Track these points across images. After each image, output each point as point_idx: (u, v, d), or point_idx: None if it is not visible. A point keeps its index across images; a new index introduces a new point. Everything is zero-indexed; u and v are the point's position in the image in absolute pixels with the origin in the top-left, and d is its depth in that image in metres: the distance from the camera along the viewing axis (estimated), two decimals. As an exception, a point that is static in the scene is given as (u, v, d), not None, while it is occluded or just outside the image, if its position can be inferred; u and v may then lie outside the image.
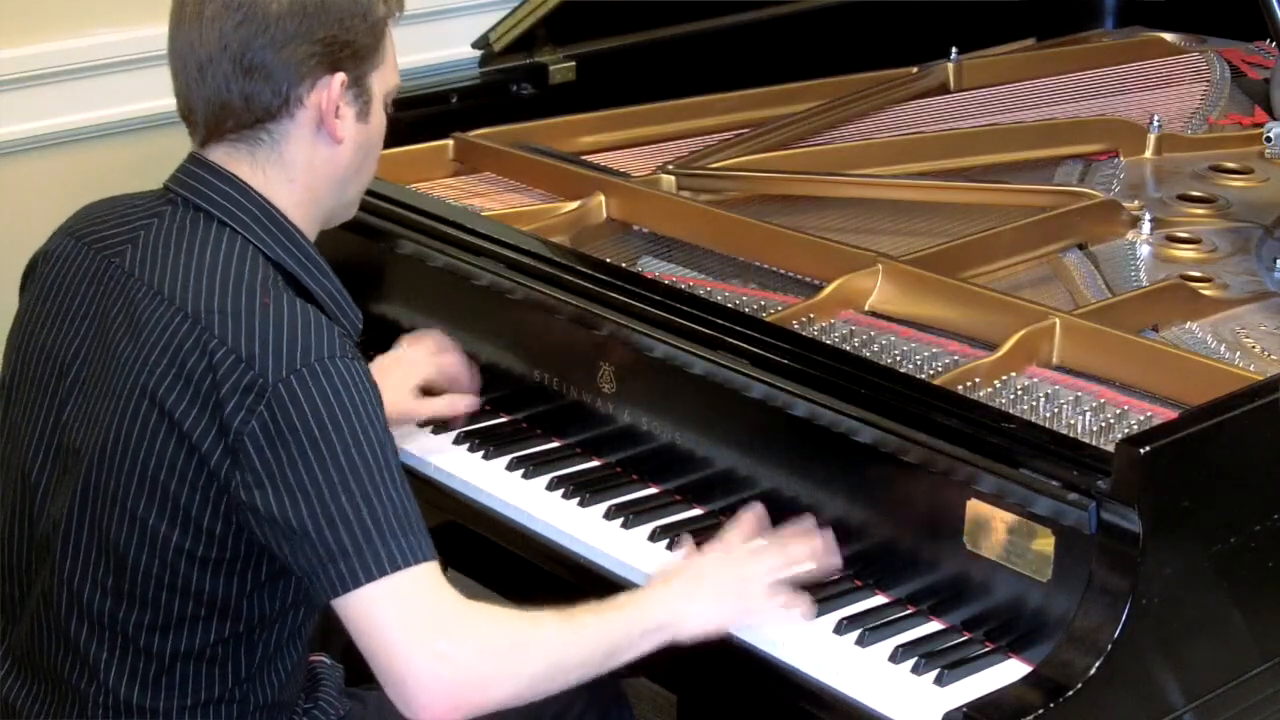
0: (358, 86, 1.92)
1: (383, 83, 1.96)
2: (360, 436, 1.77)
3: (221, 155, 1.91)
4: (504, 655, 1.81)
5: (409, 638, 1.77)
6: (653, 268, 2.54)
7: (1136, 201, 2.70)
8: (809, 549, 2.03)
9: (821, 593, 2.03)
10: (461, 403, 2.41)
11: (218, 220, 1.88)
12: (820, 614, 2.00)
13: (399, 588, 1.77)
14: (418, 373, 2.40)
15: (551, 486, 2.29)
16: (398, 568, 1.76)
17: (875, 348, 2.26)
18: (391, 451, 1.81)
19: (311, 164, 1.92)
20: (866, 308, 2.37)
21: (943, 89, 3.21)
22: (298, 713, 2.02)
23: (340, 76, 1.89)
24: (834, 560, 2.04)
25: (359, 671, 1.91)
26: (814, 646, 1.96)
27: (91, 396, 1.88)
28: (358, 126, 1.93)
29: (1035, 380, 2.17)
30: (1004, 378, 2.16)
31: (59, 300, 1.95)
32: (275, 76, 1.86)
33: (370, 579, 1.76)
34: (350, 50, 1.89)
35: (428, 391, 2.42)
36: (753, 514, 2.07)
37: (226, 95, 1.87)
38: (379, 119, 1.97)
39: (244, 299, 1.81)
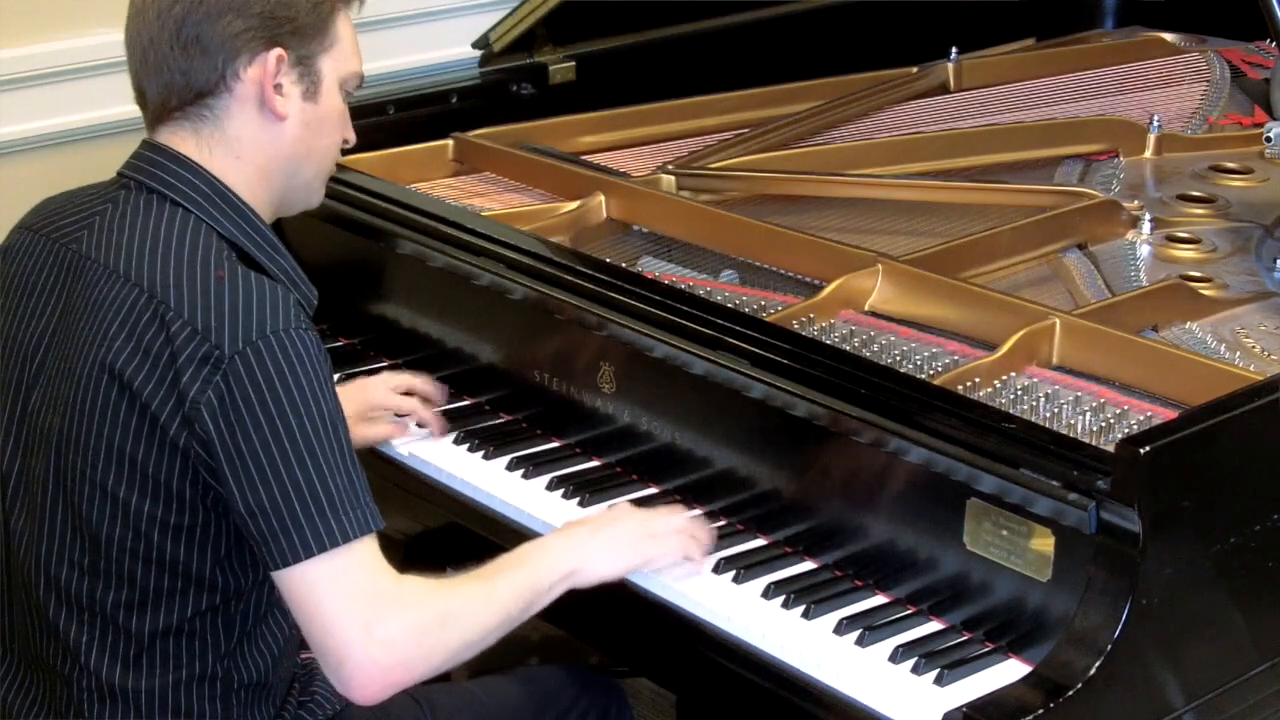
0: (303, 65, 1.94)
1: (337, 67, 1.98)
2: (313, 410, 1.81)
3: (169, 136, 1.95)
4: (434, 633, 1.88)
5: (347, 623, 1.83)
6: (653, 268, 2.54)
7: (1136, 201, 2.70)
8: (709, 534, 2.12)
9: (822, 593, 2.04)
10: (400, 427, 2.42)
11: (170, 200, 1.92)
12: (820, 614, 2.00)
13: (340, 567, 1.83)
14: (370, 399, 2.42)
15: (551, 486, 2.29)
16: (337, 544, 1.82)
17: (875, 348, 2.26)
18: (341, 423, 1.85)
19: (257, 141, 1.95)
20: (866, 308, 2.37)
21: (943, 89, 3.21)
22: (290, 705, 2.04)
23: (277, 52, 1.91)
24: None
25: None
26: (814, 646, 1.96)
27: (55, 380, 1.92)
28: (304, 105, 1.95)
29: (1035, 380, 2.17)
30: (1004, 378, 2.16)
31: (21, 293, 1.99)
32: (211, 51, 1.89)
33: (312, 555, 1.81)
34: (291, 27, 1.92)
35: None
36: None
37: (168, 74, 1.91)
38: (331, 101, 1.99)
39: (199, 272, 1.84)
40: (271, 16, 1.90)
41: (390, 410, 2.44)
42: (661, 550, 2.08)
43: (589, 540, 2.06)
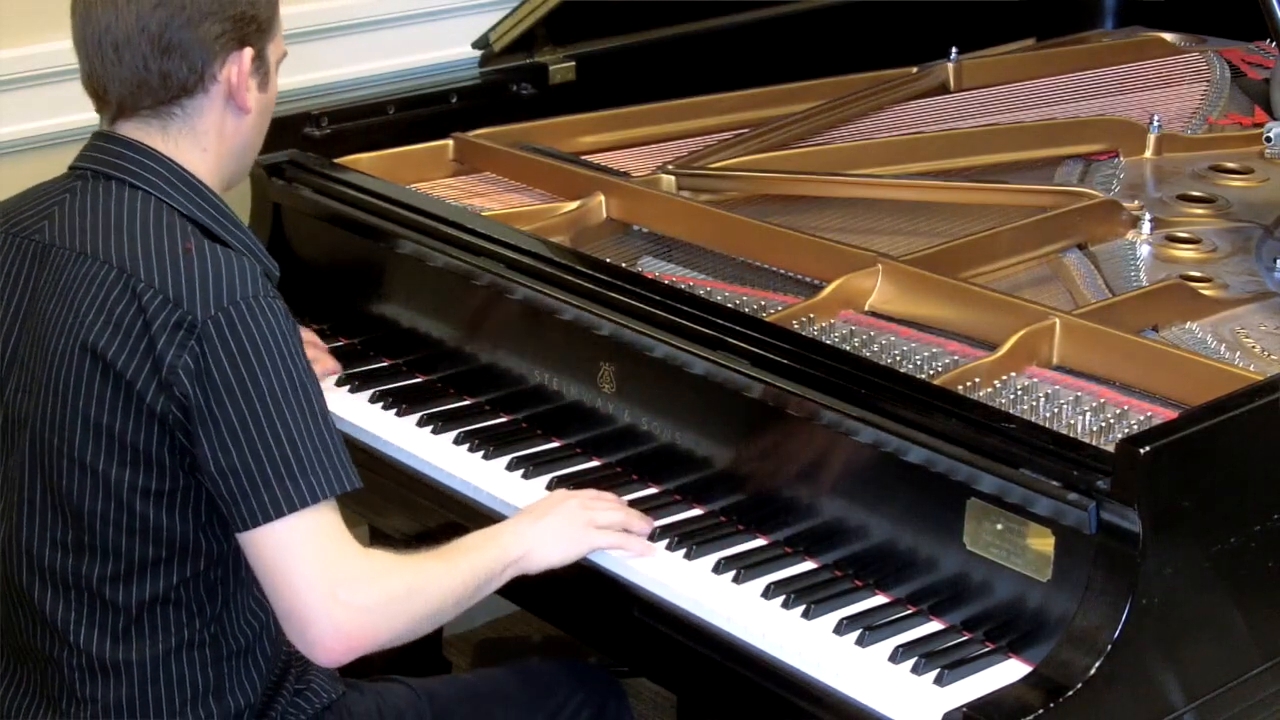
0: (260, 58, 1.99)
1: (276, 51, 2.04)
2: (284, 373, 1.85)
3: (132, 130, 1.97)
4: (398, 602, 1.92)
5: (313, 586, 1.87)
6: (653, 268, 2.54)
7: (1136, 201, 2.70)
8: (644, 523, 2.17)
9: (822, 593, 2.04)
10: None
11: (129, 184, 1.95)
12: (820, 614, 2.00)
13: (306, 530, 1.86)
14: None
15: (552, 487, 2.29)
16: (306, 504, 1.85)
17: (875, 348, 2.26)
18: (314, 386, 1.89)
19: (221, 134, 1.99)
20: (866, 308, 2.37)
21: (943, 89, 3.21)
22: (286, 693, 2.05)
23: (249, 51, 1.96)
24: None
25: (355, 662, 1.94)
26: (814, 646, 1.96)
27: (29, 366, 1.94)
28: (259, 96, 2.01)
29: (1035, 380, 2.17)
30: (1004, 378, 2.16)
31: None
32: (191, 55, 1.93)
33: (281, 514, 1.84)
34: (256, 25, 1.97)
35: None
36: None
37: (144, 74, 1.93)
38: (275, 84, 2.05)
39: (166, 245, 1.88)
40: (242, 17, 1.95)
41: None
42: (605, 541, 2.12)
43: (534, 527, 2.11)
